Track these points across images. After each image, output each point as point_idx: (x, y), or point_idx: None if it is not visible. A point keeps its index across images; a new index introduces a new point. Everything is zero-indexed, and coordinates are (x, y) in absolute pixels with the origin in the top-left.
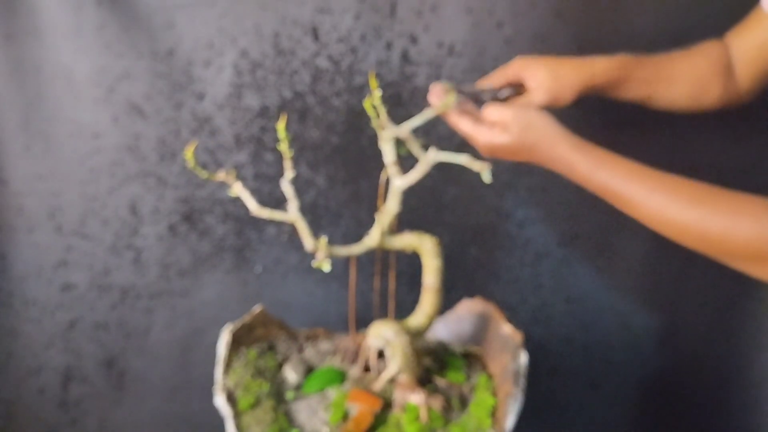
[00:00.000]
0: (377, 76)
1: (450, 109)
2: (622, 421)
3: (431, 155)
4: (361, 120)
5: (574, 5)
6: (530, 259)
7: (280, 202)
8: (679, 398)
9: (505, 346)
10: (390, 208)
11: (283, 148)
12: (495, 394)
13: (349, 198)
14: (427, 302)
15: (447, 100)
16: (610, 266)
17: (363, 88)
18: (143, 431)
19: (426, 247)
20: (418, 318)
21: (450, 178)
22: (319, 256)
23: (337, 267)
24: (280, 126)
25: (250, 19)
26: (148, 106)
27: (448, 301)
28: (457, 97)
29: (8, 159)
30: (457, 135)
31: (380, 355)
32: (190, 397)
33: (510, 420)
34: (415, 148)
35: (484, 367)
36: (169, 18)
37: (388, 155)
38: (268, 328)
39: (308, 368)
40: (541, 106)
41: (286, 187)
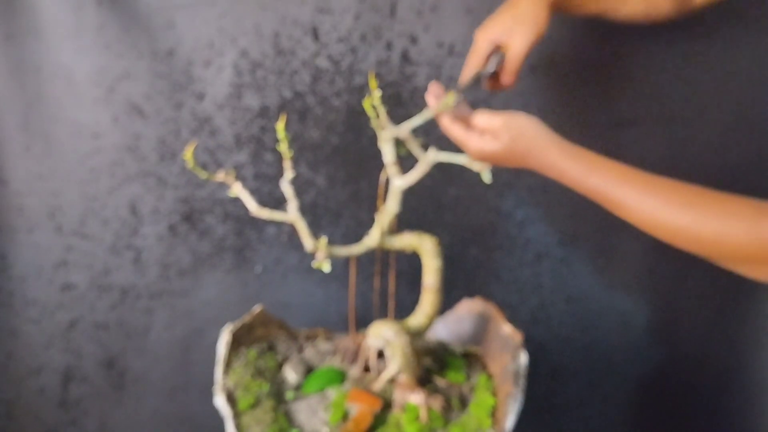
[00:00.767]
0: (377, 76)
1: (449, 109)
2: (621, 421)
3: (431, 155)
4: (361, 120)
5: None
6: (530, 259)
7: (280, 202)
8: (678, 398)
9: (505, 346)
10: (390, 209)
11: (283, 148)
12: (495, 394)
13: (349, 198)
14: (427, 302)
15: (446, 101)
16: (610, 266)
17: (363, 88)
18: (143, 431)
19: (426, 247)
20: (418, 318)
21: (450, 178)
22: (319, 256)
23: (337, 267)
24: (280, 126)
25: (250, 19)
26: (148, 106)
27: (448, 301)
28: (457, 97)
29: (8, 159)
30: None
31: (380, 355)
32: (190, 397)
33: (510, 420)
34: (415, 149)
35: (484, 367)
36: (169, 18)
37: (388, 155)
38: (268, 328)
39: (308, 368)
40: (531, 46)
41: (286, 188)
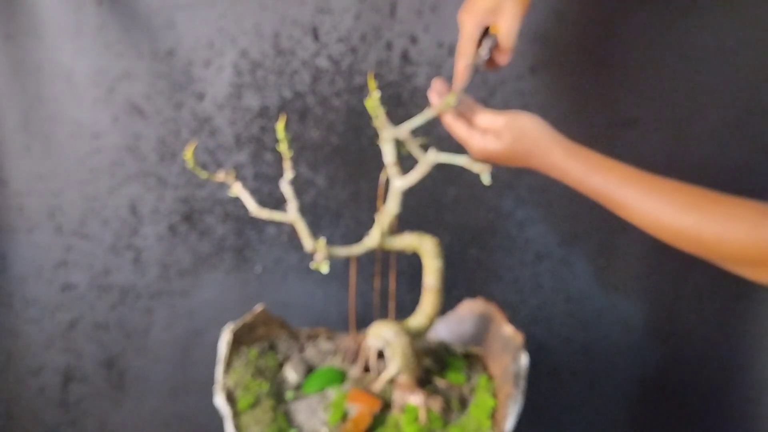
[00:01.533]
0: (377, 76)
1: (450, 108)
2: (621, 421)
3: (431, 156)
4: (361, 120)
5: (575, 5)
6: (530, 259)
7: (280, 202)
8: (678, 398)
9: (506, 347)
10: (390, 209)
11: (283, 148)
12: (495, 396)
13: (349, 198)
14: (428, 303)
15: (447, 100)
16: (610, 266)
17: (363, 88)
18: (143, 431)
19: (426, 248)
20: (418, 318)
21: (450, 178)
22: (318, 257)
23: (338, 267)
24: (280, 126)
25: (250, 19)
26: (148, 106)
27: (448, 302)
28: (458, 97)
29: (8, 159)
30: None
31: (380, 355)
32: (190, 397)
33: (509, 422)
34: (415, 149)
35: (485, 367)
36: (169, 18)
37: (388, 156)
38: (270, 328)
39: (309, 368)
40: (521, 20)
41: (286, 188)
